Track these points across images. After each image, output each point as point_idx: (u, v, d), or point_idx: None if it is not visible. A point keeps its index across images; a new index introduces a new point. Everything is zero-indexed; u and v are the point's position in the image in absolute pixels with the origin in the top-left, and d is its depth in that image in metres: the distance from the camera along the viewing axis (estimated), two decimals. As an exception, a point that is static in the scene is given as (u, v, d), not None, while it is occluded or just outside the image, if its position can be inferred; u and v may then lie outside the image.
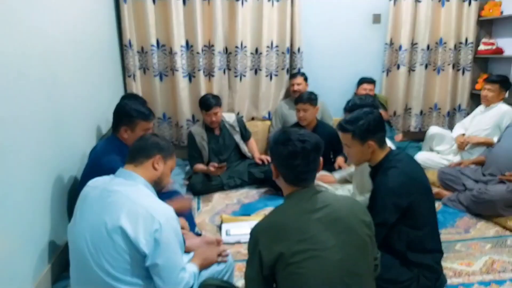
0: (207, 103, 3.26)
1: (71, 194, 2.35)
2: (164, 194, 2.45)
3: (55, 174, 2.17)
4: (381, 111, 3.94)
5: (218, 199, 3.14)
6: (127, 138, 2.19)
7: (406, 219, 1.83)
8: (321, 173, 3.01)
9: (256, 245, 1.35)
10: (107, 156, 2.10)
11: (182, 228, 1.95)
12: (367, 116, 1.88)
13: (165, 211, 1.52)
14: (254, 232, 1.39)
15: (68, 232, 1.60)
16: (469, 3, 4.11)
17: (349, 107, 2.51)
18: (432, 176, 3.29)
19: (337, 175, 3.12)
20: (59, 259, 2.12)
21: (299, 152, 1.38)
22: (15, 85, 1.76)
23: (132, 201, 1.47)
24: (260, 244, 1.34)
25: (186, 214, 2.55)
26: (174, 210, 1.76)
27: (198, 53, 3.77)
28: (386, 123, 3.97)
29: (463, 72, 4.28)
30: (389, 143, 2.11)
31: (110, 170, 1.66)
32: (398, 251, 1.87)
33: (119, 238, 1.43)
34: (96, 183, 1.62)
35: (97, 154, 2.18)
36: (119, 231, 1.43)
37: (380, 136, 1.91)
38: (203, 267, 1.72)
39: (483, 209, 2.68)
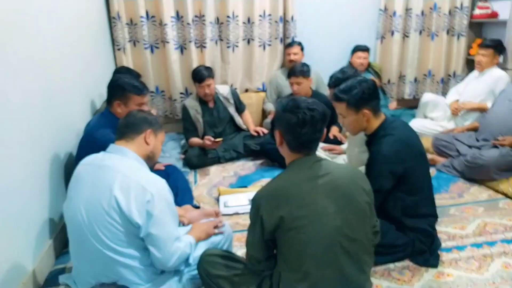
0: (200, 74, 3.22)
1: (67, 169, 2.35)
2: (162, 172, 2.48)
3: (51, 150, 2.16)
4: (375, 79, 3.95)
5: (215, 172, 3.16)
6: (120, 112, 2.17)
7: (401, 185, 1.87)
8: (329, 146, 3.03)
9: (258, 211, 1.39)
10: (101, 130, 2.09)
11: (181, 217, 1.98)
12: (361, 85, 1.88)
13: (156, 183, 1.54)
14: (257, 198, 1.42)
15: (64, 210, 1.62)
16: (465, -34, 4.02)
17: (333, 83, 2.49)
18: (426, 142, 3.31)
19: (344, 147, 3.14)
20: (60, 235, 2.14)
21: (308, 121, 1.39)
22: (2, 62, 1.72)
23: (123, 174, 1.49)
24: (262, 209, 1.38)
25: (183, 187, 2.58)
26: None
27: (188, 24, 3.69)
28: (380, 90, 3.99)
29: (458, 38, 4.24)
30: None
31: (104, 143, 1.65)
32: (393, 216, 1.92)
33: (112, 211, 1.46)
34: (88, 160, 1.63)
35: (91, 129, 2.18)
36: (113, 204, 1.45)
37: (375, 104, 1.91)
38: (201, 239, 1.75)
39: (476, 174, 2.72)
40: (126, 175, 1.48)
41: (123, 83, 2.14)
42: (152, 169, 1.67)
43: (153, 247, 1.49)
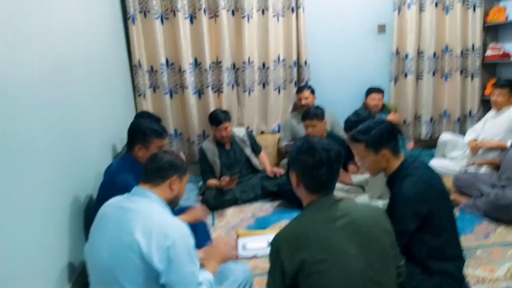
0: (217, 118, 3.29)
1: (87, 213, 2.36)
2: (178, 210, 2.47)
3: (71, 194, 2.18)
4: (394, 114, 3.95)
5: (233, 213, 3.14)
6: (141, 156, 2.21)
7: (425, 226, 1.81)
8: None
9: (278, 255, 1.35)
10: (122, 175, 2.11)
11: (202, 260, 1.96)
12: (379, 126, 1.88)
13: (178, 228, 1.53)
14: (275, 242, 1.39)
15: (85, 252, 1.62)
16: (474, 10, 4.12)
17: (348, 126, 2.51)
18: (447, 182, 3.22)
19: (353, 177, 3.11)
20: (79, 280, 2.12)
21: (325, 161, 1.38)
22: (29, 107, 1.79)
23: (146, 217, 1.49)
24: (281, 253, 1.34)
25: (201, 226, 2.55)
26: (189, 222, 1.78)
27: (206, 70, 3.83)
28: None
29: (472, 78, 4.27)
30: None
31: (125, 188, 1.68)
32: (418, 259, 1.85)
33: (133, 254, 1.45)
34: (112, 202, 1.65)
35: (111, 173, 2.20)
36: (134, 247, 1.44)
37: (394, 144, 1.90)
38: (219, 264, 1.74)
39: (501, 214, 2.64)
40: (148, 218, 1.48)
41: (144, 127, 2.19)
42: (173, 210, 1.68)
43: None
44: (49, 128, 1.98)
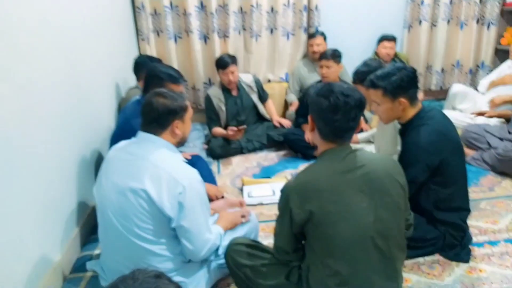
0: (224, 61, 3.20)
1: (97, 157, 2.38)
2: (188, 162, 2.47)
3: (81, 138, 2.19)
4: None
5: (238, 162, 3.15)
6: None
7: (436, 177, 1.80)
8: None
9: (287, 203, 1.34)
10: (137, 119, 2.07)
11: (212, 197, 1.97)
12: (400, 72, 1.80)
13: (188, 174, 1.52)
14: (286, 190, 1.37)
15: (94, 193, 1.62)
16: (498, -49, 3.85)
17: (358, 78, 2.39)
18: (455, 135, 3.23)
19: (359, 135, 3.08)
20: (87, 222, 2.17)
21: (341, 107, 1.31)
22: (33, 50, 1.74)
23: (154, 165, 1.48)
24: (291, 202, 1.33)
25: (207, 176, 2.57)
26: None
27: (212, 13, 3.66)
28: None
29: (488, 26, 4.08)
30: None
31: None
32: (425, 209, 1.86)
33: (143, 201, 1.45)
34: (120, 146, 1.63)
35: (128, 117, 2.18)
36: (143, 195, 1.45)
37: (412, 92, 1.83)
38: (228, 229, 1.74)
39: (508, 167, 2.63)
40: (157, 166, 1.47)
41: (159, 72, 2.12)
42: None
43: (184, 239, 1.50)
44: (56, 74, 1.94)
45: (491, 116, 3.01)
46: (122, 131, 2.13)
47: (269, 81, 4.04)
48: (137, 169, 1.49)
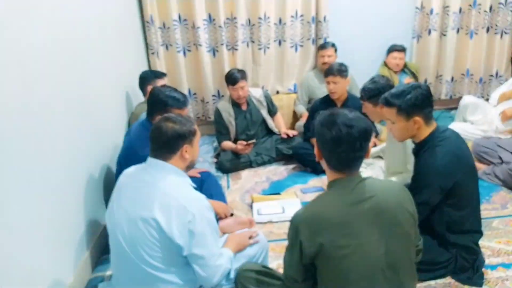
0: (233, 77, 3.21)
1: (106, 174, 2.40)
2: (197, 180, 2.47)
3: (91, 156, 2.22)
4: (410, 79, 3.83)
5: (247, 176, 3.15)
6: None
7: (449, 199, 1.79)
8: None
9: (297, 235, 1.33)
10: (144, 148, 2.07)
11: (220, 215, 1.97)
12: (415, 90, 1.78)
13: (197, 201, 1.53)
14: (296, 221, 1.36)
15: (106, 219, 1.64)
16: (509, -41, 3.81)
17: (366, 95, 2.38)
18: (466, 147, 3.20)
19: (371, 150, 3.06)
20: (98, 242, 2.19)
21: (344, 138, 1.29)
22: (44, 72, 1.76)
23: (164, 193, 1.49)
24: (301, 234, 1.32)
25: (216, 193, 2.58)
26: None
27: (220, 26, 3.68)
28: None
29: (502, 35, 4.03)
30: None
31: (145, 158, 1.66)
32: (437, 231, 1.85)
33: (153, 230, 1.47)
34: (130, 172, 1.65)
35: (133, 141, 2.17)
36: (153, 224, 1.46)
37: (428, 111, 1.81)
38: (237, 251, 1.74)
39: (521, 183, 2.60)
40: (166, 193, 1.48)
41: (164, 98, 2.11)
42: (192, 179, 1.67)
43: (197, 266, 1.51)
44: (64, 91, 1.96)
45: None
46: (127, 156, 2.14)
47: (277, 92, 4.04)
48: (147, 197, 1.51)
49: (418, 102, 1.76)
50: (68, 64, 2.02)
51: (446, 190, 1.75)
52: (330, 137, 1.31)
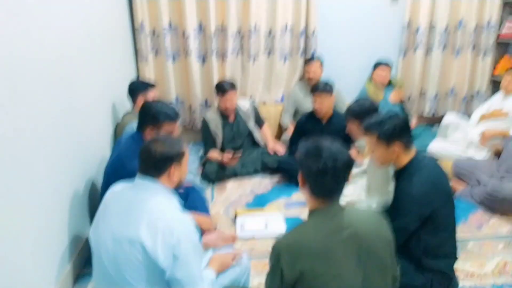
0: (223, 87, 3.24)
1: (91, 187, 2.40)
2: (182, 194, 2.48)
3: (75, 170, 2.20)
4: (397, 91, 3.91)
5: (232, 188, 3.17)
6: (151, 137, 2.18)
7: (426, 225, 1.84)
8: None
9: (278, 261, 1.37)
10: (132, 161, 2.06)
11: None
12: (394, 119, 1.86)
13: (184, 225, 1.54)
14: (277, 248, 1.40)
15: (90, 236, 1.64)
16: (494, -17, 3.92)
17: (350, 115, 2.48)
18: (446, 167, 3.27)
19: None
20: (80, 257, 2.19)
21: (329, 171, 1.34)
22: (31, 83, 1.75)
23: (151, 214, 1.50)
24: (282, 260, 1.36)
25: (200, 206, 2.59)
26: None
27: (210, 36, 3.69)
28: (400, 108, 3.95)
29: (484, 56, 4.15)
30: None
31: (133, 173, 1.66)
32: (414, 256, 1.90)
33: (138, 252, 1.47)
34: (117, 189, 1.65)
35: (122, 155, 2.16)
36: (138, 245, 1.47)
37: (406, 139, 1.88)
38: (220, 271, 1.77)
39: (497, 206, 2.68)
40: (153, 214, 1.49)
41: (156, 111, 2.14)
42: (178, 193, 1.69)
43: None
44: (50, 101, 1.94)
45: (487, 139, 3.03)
46: (115, 168, 2.13)
47: (264, 103, 4.07)
48: (133, 217, 1.52)
49: (397, 131, 1.84)
50: (54, 73, 1.99)
51: (423, 218, 1.81)
52: (315, 169, 1.36)
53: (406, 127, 1.89)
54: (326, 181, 1.36)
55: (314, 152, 1.39)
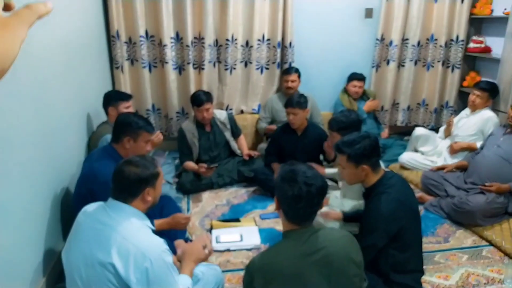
0: (199, 98, 3.24)
1: (64, 196, 2.36)
2: (156, 205, 2.48)
3: (48, 183, 2.17)
4: (372, 101, 4.02)
5: (208, 198, 3.19)
6: (128, 148, 2.18)
7: (393, 242, 1.91)
8: (313, 164, 3.02)
9: (251, 282, 1.42)
10: (103, 169, 2.02)
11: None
12: (364, 140, 1.93)
13: (156, 247, 1.54)
14: (251, 269, 1.45)
15: (63, 258, 1.63)
16: (462, 1, 4.09)
17: (335, 126, 2.56)
18: (415, 177, 3.40)
19: (327, 170, 3.15)
20: (53, 271, 2.16)
21: (304, 196, 1.40)
22: (4, 94, 1.71)
23: (123, 237, 1.50)
24: (255, 281, 1.41)
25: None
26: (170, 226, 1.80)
27: (187, 46, 3.70)
28: (373, 119, 4.06)
29: (453, 69, 4.31)
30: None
31: (105, 183, 1.67)
32: (382, 271, 1.97)
33: (110, 275, 1.48)
34: (89, 211, 1.64)
35: (92, 167, 2.14)
36: (110, 268, 1.47)
37: (374, 161, 1.96)
38: (196, 264, 1.78)
39: (462, 218, 2.80)
40: (125, 238, 1.50)
41: (134, 121, 2.16)
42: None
43: None
44: (22, 113, 1.90)
45: (449, 171, 3.17)
46: (87, 181, 2.11)
47: (242, 112, 4.11)
48: (105, 241, 1.51)
49: (366, 152, 1.91)
50: (27, 82, 1.94)
51: (391, 235, 1.89)
52: (290, 195, 1.42)
53: (375, 149, 1.98)
54: (300, 206, 1.42)
55: (289, 177, 1.45)
